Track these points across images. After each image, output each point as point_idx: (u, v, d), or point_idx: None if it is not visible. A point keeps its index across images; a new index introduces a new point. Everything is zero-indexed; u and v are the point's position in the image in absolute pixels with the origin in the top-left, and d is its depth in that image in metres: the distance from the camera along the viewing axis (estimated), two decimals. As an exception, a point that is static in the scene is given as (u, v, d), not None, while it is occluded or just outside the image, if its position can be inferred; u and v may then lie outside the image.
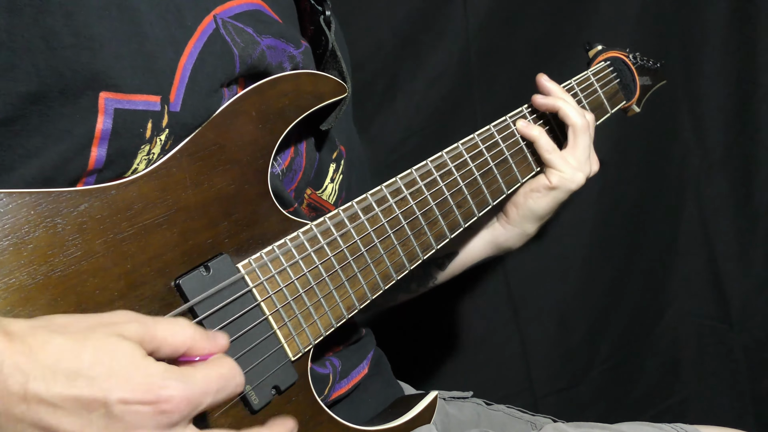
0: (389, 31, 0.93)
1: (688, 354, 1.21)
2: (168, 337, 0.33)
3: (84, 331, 0.31)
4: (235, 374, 0.33)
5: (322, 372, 0.52)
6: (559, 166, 0.61)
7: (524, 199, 0.62)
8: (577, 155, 0.62)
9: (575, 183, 0.62)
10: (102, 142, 0.39)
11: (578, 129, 0.62)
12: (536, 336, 1.10)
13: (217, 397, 0.32)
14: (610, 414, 1.15)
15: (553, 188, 0.61)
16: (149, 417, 0.30)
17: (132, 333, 0.31)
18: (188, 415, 0.31)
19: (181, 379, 0.31)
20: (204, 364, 0.33)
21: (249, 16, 0.47)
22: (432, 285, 0.70)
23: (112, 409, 0.30)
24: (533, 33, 1.01)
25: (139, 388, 0.30)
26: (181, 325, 0.33)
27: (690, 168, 1.16)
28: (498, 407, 0.69)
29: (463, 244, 0.67)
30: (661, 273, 1.19)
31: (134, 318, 0.32)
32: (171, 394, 0.30)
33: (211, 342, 0.34)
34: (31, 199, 0.36)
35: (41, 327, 0.31)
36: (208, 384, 0.32)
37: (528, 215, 0.63)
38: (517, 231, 0.64)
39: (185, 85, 0.42)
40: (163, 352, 0.33)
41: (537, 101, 0.63)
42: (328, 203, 0.56)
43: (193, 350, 0.33)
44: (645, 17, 1.07)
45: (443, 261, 0.67)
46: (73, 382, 0.29)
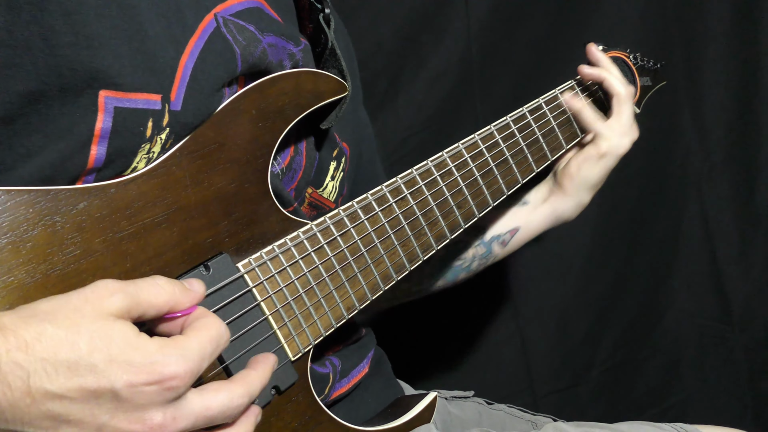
0: (390, 30, 0.93)
1: (689, 354, 1.21)
2: (152, 299, 0.33)
3: (73, 316, 0.31)
4: (222, 331, 0.35)
5: (322, 371, 0.52)
6: (607, 134, 0.66)
7: (577, 169, 0.66)
8: (623, 122, 0.67)
9: (623, 148, 0.67)
10: (102, 141, 0.39)
11: (623, 98, 0.67)
12: (537, 335, 1.10)
13: (212, 358, 0.34)
14: (610, 414, 1.15)
15: (603, 155, 0.65)
16: (157, 394, 0.31)
17: (119, 305, 0.32)
18: (191, 383, 0.33)
19: (179, 352, 0.32)
20: (194, 331, 0.34)
21: (250, 14, 0.47)
22: (492, 262, 0.73)
23: (119, 394, 0.30)
24: (535, 33, 1.01)
25: (142, 370, 0.31)
26: (160, 285, 0.34)
27: (691, 169, 1.16)
28: (499, 407, 0.69)
29: (524, 219, 0.70)
30: (662, 273, 1.19)
31: (116, 288, 0.32)
32: (174, 371, 0.31)
33: (191, 294, 0.35)
34: (29, 197, 0.36)
35: (30, 317, 0.31)
36: (203, 349, 0.33)
37: (583, 184, 0.67)
38: (574, 201, 0.68)
39: (186, 83, 0.41)
40: (149, 315, 0.34)
41: (584, 71, 0.69)
42: (329, 201, 0.56)
43: (176, 307, 0.34)
44: (647, 17, 1.07)
45: (504, 238, 0.71)
46: (75, 372, 0.30)
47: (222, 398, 0.34)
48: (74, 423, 0.30)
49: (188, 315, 0.35)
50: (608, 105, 0.69)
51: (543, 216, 0.70)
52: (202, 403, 0.33)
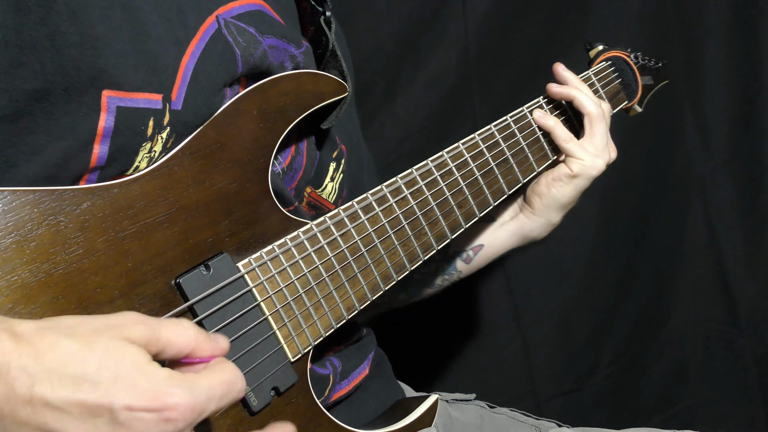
0: (389, 31, 0.94)
1: (696, 359, 1.20)
2: (172, 338, 0.33)
3: (91, 335, 0.31)
4: (238, 379, 0.34)
5: (322, 372, 0.52)
6: (578, 154, 0.62)
7: (547, 189, 0.63)
8: (595, 143, 0.63)
9: (596, 169, 0.63)
10: (104, 140, 0.39)
11: (594, 117, 0.63)
12: (539, 338, 1.10)
13: (221, 403, 0.33)
14: (615, 419, 1.14)
15: (574, 176, 0.62)
16: (154, 424, 0.30)
17: (138, 335, 0.32)
18: (192, 422, 0.31)
19: (186, 386, 0.31)
20: (207, 371, 0.33)
21: (251, 16, 0.47)
22: (457, 279, 0.71)
23: (117, 416, 0.30)
24: (532, 33, 1.01)
25: (144, 395, 0.30)
26: (184, 327, 0.34)
27: (695, 170, 1.15)
28: (501, 410, 0.68)
29: (489, 236, 0.68)
30: (667, 276, 1.18)
31: (140, 320, 0.32)
32: (176, 402, 0.31)
33: (213, 344, 0.34)
34: (34, 197, 0.36)
35: (49, 329, 0.31)
36: (212, 390, 0.32)
37: (552, 204, 0.64)
38: (542, 221, 0.65)
39: (187, 83, 0.42)
40: (168, 354, 0.33)
41: (552, 90, 0.65)
42: (328, 202, 0.56)
43: (196, 352, 0.34)
44: (646, 16, 1.06)
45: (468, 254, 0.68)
46: (79, 387, 0.29)
47: None
48: None
49: (206, 363, 0.34)
50: (580, 125, 0.65)
51: (509, 233, 0.67)
52: None
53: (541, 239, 0.67)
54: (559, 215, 0.65)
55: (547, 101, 0.66)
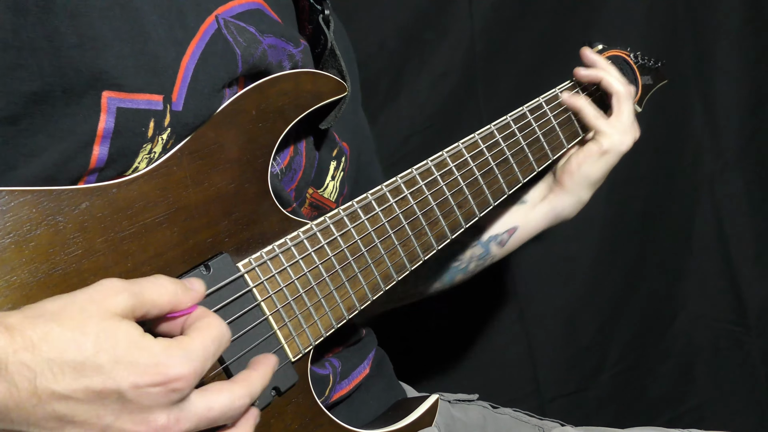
0: (393, 29, 0.93)
1: (703, 358, 1.19)
2: (155, 298, 0.34)
3: (79, 316, 0.31)
4: (224, 331, 0.35)
5: (322, 373, 0.52)
6: (609, 131, 0.65)
7: (578, 166, 0.65)
8: (623, 120, 0.66)
9: (625, 145, 0.66)
10: (104, 141, 0.39)
11: (622, 96, 0.66)
12: (544, 337, 1.08)
13: (215, 358, 0.34)
14: (620, 420, 1.13)
15: (605, 152, 0.65)
16: (162, 395, 0.31)
17: (124, 305, 0.32)
18: (194, 384, 0.33)
19: (184, 353, 0.32)
20: (197, 331, 0.34)
21: (251, 15, 0.47)
22: (491, 263, 0.72)
23: (125, 395, 0.31)
24: (539, 31, 1.00)
25: (147, 371, 0.31)
26: (163, 285, 0.34)
27: (704, 167, 1.13)
28: (504, 411, 0.68)
29: (522, 218, 0.69)
30: (674, 274, 1.17)
31: (120, 287, 0.33)
32: (179, 372, 0.32)
33: (191, 293, 0.35)
34: (32, 197, 0.36)
35: (36, 317, 0.31)
36: (206, 349, 0.33)
37: (583, 182, 0.66)
38: (574, 199, 0.67)
39: (187, 84, 0.42)
40: (152, 315, 0.34)
41: (580, 73, 0.68)
42: (330, 201, 0.56)
43: (178, 306, 0.35)
44: (655, 13, 1.05)
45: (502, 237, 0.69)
46: (81, 373, 0.30)
47: (224, 399, 0.34)
48: (79, 424, 0.30)
49: (189, 314, 0.35)
50: (608, 104, 0.68)
51: (542, 214, 0.69)
52: (205, 404, 0.33)
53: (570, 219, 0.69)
54: (590, 192, 0.67)
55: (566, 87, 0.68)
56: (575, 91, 0.68)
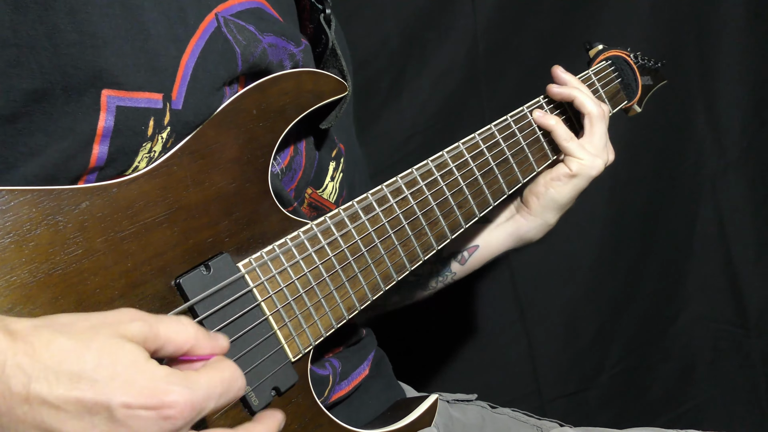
0: (395, 27, 0.93)
1: (703, 359, 1.19)
2: (171, 335, 0.33)
3: (87, 332, 0.31)
4: (237, 377, 0.33)
5: (322, 373, 0.52)
6: (578, 154, 0.62)
7: (545, 188, 0.63)
8: (595, 142, 0.63)
9: (595, 169, 0.63)
10: (104, 140, 0.39)
11: (594, 117, 0.63)
12: (544, 338, 1.09)
13: (220, 401, 0.32)
14: (620, 420, 1.13)
15: (573, 176, 0.62)
16: (152, 422, 0.30)
17: (135, 332, 0.31)
18: (191, 420, 0.31)
19: (185, 384, 0.31)
20: (206, 369, 0.33)
21: (250, 14, 0.47)
22: (451, 281, 0.70)
23: (114, 413, 0.30)
24: (541, 30, 1.00)
25: (142, 393, 0.30)
26: (183, 324, 0.33)
27: (705, 168, 1.13)
28: (503, 410, 0.68)
29: (484, 237, 0.68)
30: (675, 275, 1.17)
31: (138, 317, 0.32)
32: (175, 400, 0.30)
33: (213, 342, 0.34)
34: (32, 196, 0.36)
35: (44, 326, 0.31)
36: (211, 388, 0.32)
37: (549, 205, 0.63)
38: (539, 221, 0.65)
39: (187, 83, 0.42)
40: (166, 351, 0.33)
41: (552, 90, 0.65)
42: (329, 202, 0.56)
43: (195, 350, 0.33)
44: (658, 13, 1.05)
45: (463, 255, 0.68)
46: (76, 385, 0.29)
47: None
48: None
49: (206, 360, 0.34)
50: (580, 125, 0.65)
51: (505, 234, 0.66)
52: None
53: (536, 241, 0.67)
54: (556, 216, 0.65)
55: (547, 101, 0.66)
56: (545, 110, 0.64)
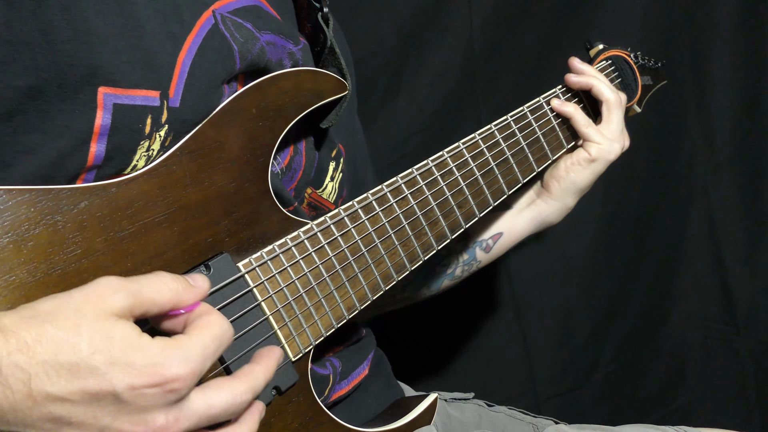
0: (392, 27, 0.93)
1: (694, 357, 1.21)
2: (155, 297, 0.33)
3: (74, 316, 0.30)
4: (225, 329, 0.34)
5: (322, 373, 0.52)
6: (597, 138, 0.65)
7: (566, 173, 0.66)
8: (612, 128, 0.66)
9: (613, 153, 0.66)
10: (101, 138, 0.39)
11: (612, 103, 0.66)
12: (539, 337, 1.09)
13: (215, 357, 0.33)
14: (614, 417, 1.14)
15: (592, 160, 0.65)
16: (159, 396, 0.31)
17: (121, 305, 0.31)
18: (194, 383, 0.32)
19: (182, 353, 0.31)
20: (197, 330, 0.33)
21: (248, 11, 0.46)
22: (476, 269, 0.72)
23: (121, 396, 0.30)
24: (538, 30, 1.00)
25: (144, 372, 0.30)
26: (163, 282, 0.33)
27: (697, 169, 1.15)
28: (499, 409, 0.69)
29: (507, 224, 0.70)
30: (667, 274, 1.18)
31: (118, 286, 0.32)
32: (176, 372, 0.31)
33: (194, 290, 0.34)
34: (31, 196, 0.36)
35: (31, 317, 0.30)
36: (206, 348, 0.32)
37: (570, 188, 0.66)
38: (559, 205, 0.68)
39: (184, 80, 0.41)
40: (152, 313, 0.33)
41: (571, 80, 0.68)
42: (329, 202, 0.56)
43: (180, 304, 0.34)
44: (652, 14, 1.06)
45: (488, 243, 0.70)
46: (76, 375, 0.29)
47: (225, 396, 0.33)
48: (76, 425, 0.30)
49: (191, 312, 0.35)
50: (595, 113, 0.68)
51: (527, 220, 0.69)
52: (205, 402, 0.33)
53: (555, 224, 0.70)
54: (575, 199, 0.68)
55: (563, 91, 0.68)
56: (566, 97, 0.67)
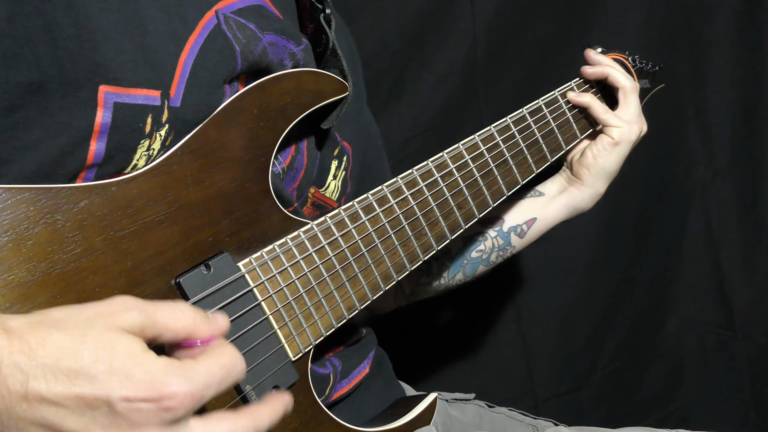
0: (396, 29, 0.93)
1: (691, 360, 1.21)
2: (169, 323, 0.32)
3: (82, 326, 0.30)
4: (236, 362, 0.33)
5: (322, 372, 0.52)
6: (616, 122, 0.68)
7: (594, 159, 0.68)
8: (630, 112, 0.69)
9: (634, 134, 0.69)
10: (101, 136, 0.39)
11: (628, 90, 0.69)
12: (539, 339, 1.10)
13: (220, 387, 0.32)
14: (612, 419, 1.14)
15: (616, 143, 0.68)
16: (153, 414, 0.30)
17: (132, 322, 0.31)
18: (192, 409, 0.31)
19: (183, 374, 0.31)
20: (205, 356, 0.33)
21: (251, 11, 0.47)
22: (510, 255, 0.74)
23: (115, 408, 0.29)
24: (540, 33, 1.01)
25: (141, 386, 0.30)
26: (181, 310, 0.33)
27: (696, 174, 1.15)
28: (500, 410, 0.69)
29: (541, 210, 0.72)
30: (665, 278, 1.18)
31: (133, 305, 0.31)
32: (174, 391, 0.30)
33: (212, 325, 0.34)
34: (30, 194, 0.36)
35: (39, 323, 0.30)
36: (210, 376, 0.32)
37: (600, 174, 0.69)
38: (591, 191, 0.70)
39: (186, 80, 0.41)
40: (164, 339, 0.32)
41: (587, 71, 0.71)
42: (332, 200, 0.56)
43: (195, 335, 0.33)
44: (653, 20, 1.06)
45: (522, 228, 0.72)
46: (74, 381, 0.29)
47: (224, 429, 0.32)
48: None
49: (207, 344, 0.33)
50: (609, 102, 0.70)
51: (560, 207, 0.71)
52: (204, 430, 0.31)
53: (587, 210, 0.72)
54: (606, 184, 0.70)
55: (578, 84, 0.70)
56: (582, 89, 0.70)
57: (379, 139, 0.68)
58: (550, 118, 0.67)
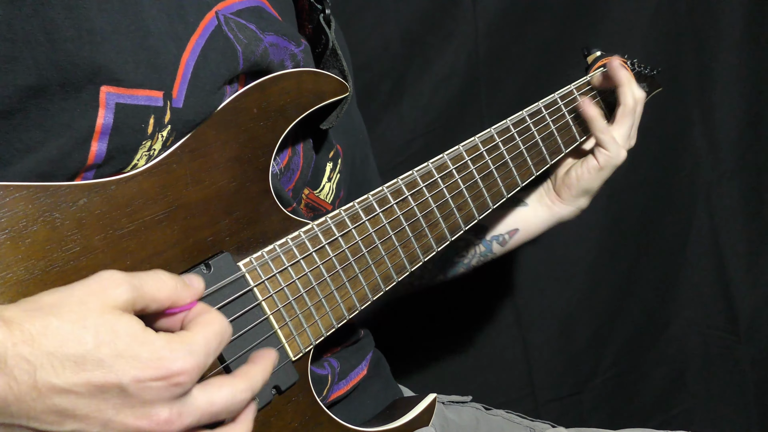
0: (397, 31, 0.93)
1: (694, 364, 1.20)
2: (155, 293, 0.33)
3: (78, 309, 0.31)
4: (225, 327, 0.35)
5: (321, 373, 0.52)
6: (609, 146, 0.68)
7: (576, 180, 0.70)
8: (622, 132, 0.70)
9: (620, 159, 0.69)
10: (102, 137, 0.39)
11: (628, 109, 0.70)
12: (539, 341, 1.09)
13: (216, 353, 0.34)
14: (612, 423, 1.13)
15: (601, 168, 0.69)
16: (164, 390, 0.31)
17: (125, 298, 0.32)
18: (197, 379, 0.32)
19: (186, 348, 0.32)
20: (199, 326, 0.34)
21: (251, 12, 0.47)
22: (491, 259, 0.76)
23: (126, 389, 0.30)
24: (542, 36, 1.01)
25: (149, 366, 0.30)
26: (163, 279, 0.34)
27: (701, 177, 1.15)
28: (497, 412, 0.68)
29: (524, 222, 0.74)
30: (669, 281, 1.18)
31: (120, 280, 0.32)
32: (182, 366, 0.31)
33: (191, 290, 0.35)
34: (29, 192, 0.35)
35: (35, 310, 0.30)
36: (208, 345, 0.33)
37: (581, 194, 0.71)
38: (572, 207, 0.72)
39: (188, 81, 0.41)
40: (151, 309, 0.33)
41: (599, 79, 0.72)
42: (326, 203, 0.56)
43: (177, 302, 0.34)
44: (657, 21, 1.06)
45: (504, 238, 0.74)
46: (82, 367, 0.29)
47: (225, 394, 0.34)
48: (80, 418, 0.30)
49: (188, 310, 0.35)
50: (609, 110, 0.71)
51: (541, 220, 0.73)
52: (207, 398, 0.33)
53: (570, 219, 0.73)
54: (588, 201, 0.72)
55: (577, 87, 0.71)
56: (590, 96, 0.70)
57: (368, 143, 0.68)
58: (549, 121, 0.67)
